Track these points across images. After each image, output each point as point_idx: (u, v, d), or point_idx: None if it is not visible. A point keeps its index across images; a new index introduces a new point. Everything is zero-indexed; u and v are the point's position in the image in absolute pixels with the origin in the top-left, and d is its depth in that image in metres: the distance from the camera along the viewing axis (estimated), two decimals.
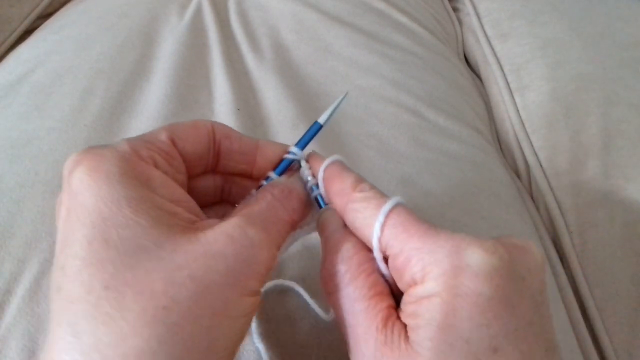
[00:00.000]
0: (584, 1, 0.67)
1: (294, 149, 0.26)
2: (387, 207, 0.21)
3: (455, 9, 0.76)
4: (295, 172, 0.26)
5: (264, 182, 0.26)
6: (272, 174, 0.26)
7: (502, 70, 0.59)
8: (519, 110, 0.54)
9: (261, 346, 0.28)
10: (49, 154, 0.38)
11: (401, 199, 0.22)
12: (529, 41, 0.60)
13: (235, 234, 0.20)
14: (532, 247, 0.20)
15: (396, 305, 0.21)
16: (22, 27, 0.62)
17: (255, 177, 0.26)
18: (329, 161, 0.25)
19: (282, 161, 0.26)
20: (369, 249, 0.22)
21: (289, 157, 0.26)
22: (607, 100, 0.51)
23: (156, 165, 0.22)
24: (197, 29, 0.55)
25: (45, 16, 0.65)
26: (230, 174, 0.27)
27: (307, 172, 0.25)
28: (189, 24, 0.55)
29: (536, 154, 0.50)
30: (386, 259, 0.22)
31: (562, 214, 0.45)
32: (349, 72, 0.51)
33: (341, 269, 0.22)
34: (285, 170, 0.26)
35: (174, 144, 0.23)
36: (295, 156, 0.26)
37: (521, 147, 0.51)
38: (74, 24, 0.56)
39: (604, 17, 0.63)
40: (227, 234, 0.20)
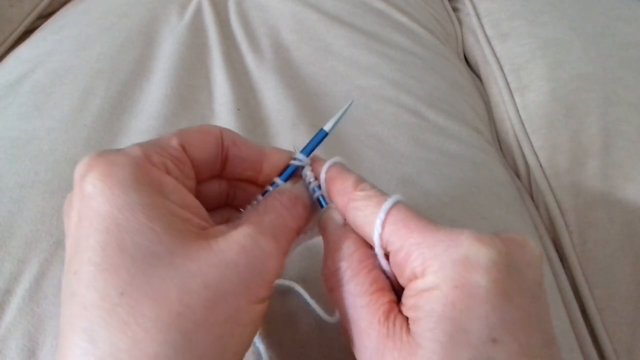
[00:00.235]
0: (584, 1, 0.67)
1: (299, 155, 0.26)
2: (387, 204, 0.22)
3: (455, 9, 0.76)
4: (300, 178, 0.27)
5: (270, 187, 0.26)
6: (278, 180, 0.26)
7: (502, 70, 0.59)
8: (518, 110, 0.54)
9: (261, 346, 0.28)
10: (49, 154, 0.38)
11: (401, 197, 0.22)
12: (529, 41, 0.60)
13: (247, 243, 0.20)
14: (529, 241, 0.21)
15: (397, 300, 0.22)
16: (22, 27, 0.62)
17: (261, 183, 0.27)
18: (330, 163, 0.26)
19: (287, 167, 0.26)
20: (370, 246, 0.23)
21: (294, 163, 0.26)
22: (607, 100, 0.51)
23: (167, 171, 0.22)
24: (197, 29, 0.55)
25: (45, 16, 0.65)
26: (236, 180, 0.27)
27: (310, 174, 0.26)
28: (189, 24, 0.55)
29: (536, 154, 0.50)
30: (387, 256, 0.22)
31: (562, 214, 0.45)
32: (349, 72, 0.51)
33: (343, 265, 0.23)
34: (290, 176, 0.26)
35: (184, 150, 0.23)
36: (300, 162, 0.26)
37: (521, 147, 0.51)
38: (74, 24, 0.56)
39: (604, 17, 0.63)
40: (239, 243, 0.20)
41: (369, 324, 0.21)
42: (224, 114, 0.44)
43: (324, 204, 0.26)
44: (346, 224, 0.24)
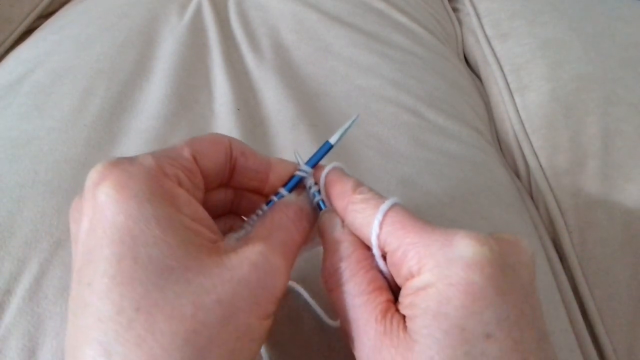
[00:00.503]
0: (584, 1, 0.67)
1: (304, 166, 0.27)
2: (385, 206, 0.22)
3: (455, 9, 0.76)
4: (304, 189, 0.27)
5: (274, 197, 0.26)
6: (283, 190, 0.26)
7: (502, 70, 0.59)
8: (518, 110, 0.54)
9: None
10: (49, 154, 0.38)
11: (398, 199, 0.23)
12: (529, 41, 0.60)
13: (258, 261, 0.21)
14: (522, 241, 0.21)
15: (395, 300, 0.22)
16: (22, 27, 0.62)
17: (266, 193, 0.27)
18: (330, 167, 0.26)
19: (292, 178, 0.27)
20: (367, 247, 0.23)
21: (299, 174, 0.27)
22: (607, 100, 0.51)
23: (180, 183, 0.22)
24: (197, 29, 0.55)
25: (45, 16, 0.65)
26: (242, 189, 0.27)
27: (310, 179, 0.27)
28: (189, 24, 0.55)
29: (536, 154, 0.50)
30: (384, 256, 0.23)
31: (562, 214, 0.45)
32: (349, 72, 0.51)
33: (341, 266, 0.23)
34: (295, 187, 0.27)
35: (195, 161, 0.24)
36: (304, 174, 0.27)
37: (521, 147, 0.51)
38: (74, 24, 0.56)
39: (604, 17, 0.63)
40: (250, 260, 0.21)
41: (367, 322, 0.21)
42: (224, 114, 0.44)
43: (323, 208, 0.26)
44: (345, 226, 0.25)
